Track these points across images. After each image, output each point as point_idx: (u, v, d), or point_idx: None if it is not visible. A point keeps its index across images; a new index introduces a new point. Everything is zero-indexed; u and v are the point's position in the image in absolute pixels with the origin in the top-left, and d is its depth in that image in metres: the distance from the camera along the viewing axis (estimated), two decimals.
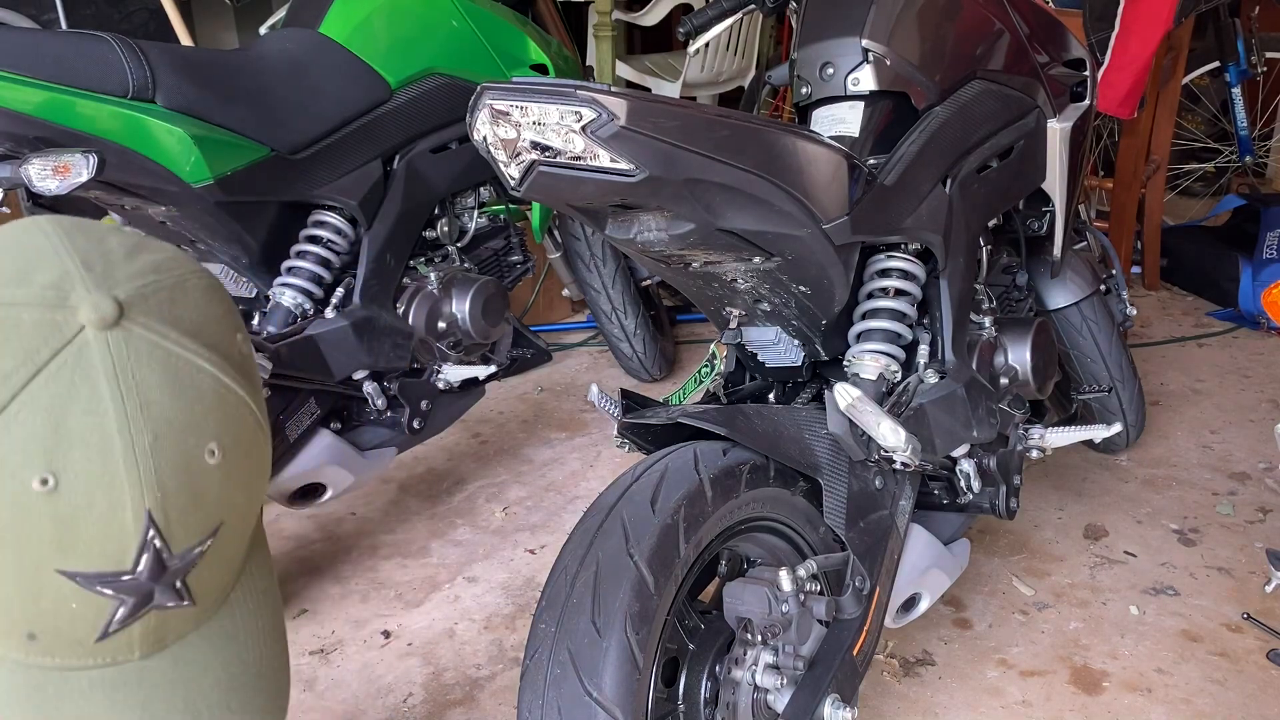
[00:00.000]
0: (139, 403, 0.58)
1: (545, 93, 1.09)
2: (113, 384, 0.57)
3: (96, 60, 1.60)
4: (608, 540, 1.19)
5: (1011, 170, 1.68)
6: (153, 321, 0.60)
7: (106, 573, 0.59)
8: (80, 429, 0.57)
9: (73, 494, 0.57)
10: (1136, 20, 2.78)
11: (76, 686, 0.63)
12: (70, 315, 0.57)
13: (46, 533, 0.57)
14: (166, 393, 0.59)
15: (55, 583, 0.58)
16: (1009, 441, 1.70)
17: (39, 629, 0.60)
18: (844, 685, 1.36)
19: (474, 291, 2.07)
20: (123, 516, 0.58)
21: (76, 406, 0.57)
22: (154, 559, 0.60)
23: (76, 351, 0.57)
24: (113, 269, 0.60)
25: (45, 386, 0.56)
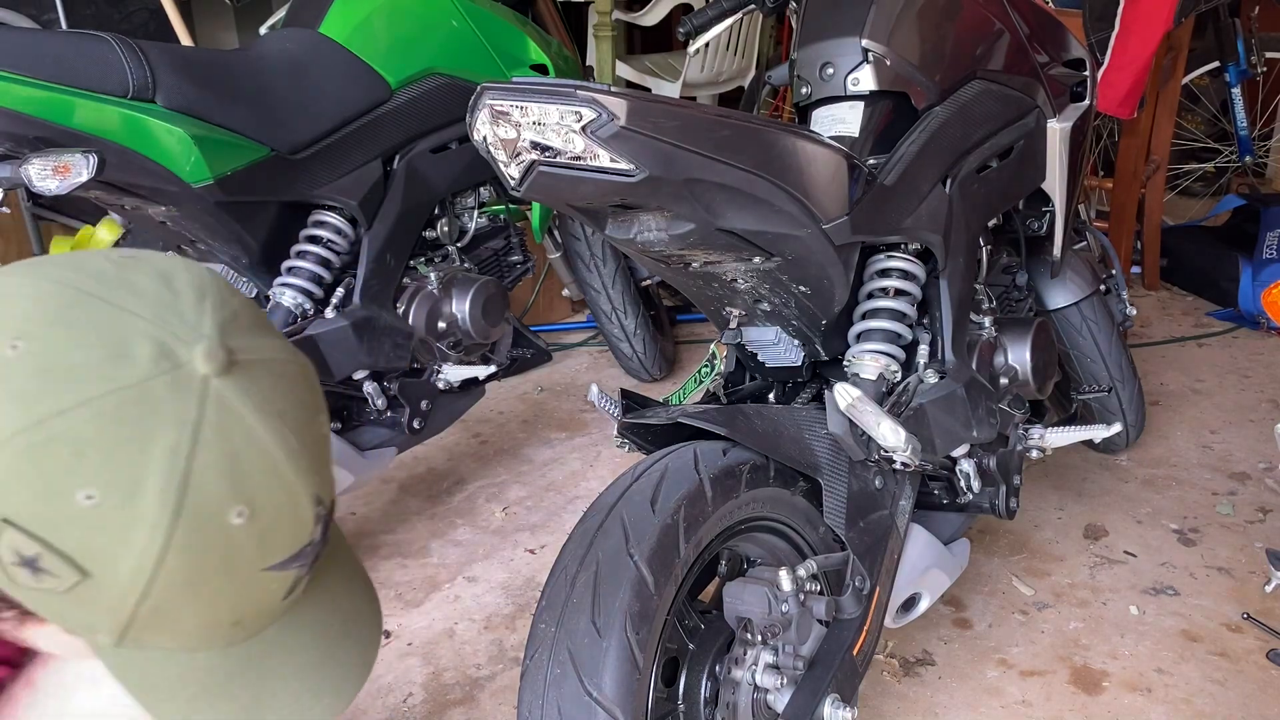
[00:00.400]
0: (276, 416, 0.65)
1: (545, 93, 1.09)
2: (253, 412, 0.64)
3: (96, 60, 1.60)
4: (608, 540, 1.19)
5: (1011, 170, 1.68)
6: (243, 341, 0.65)
7: (296, 552, 0.68)
8: (249, 458, 0.63)
9: (264, 513, 0.64)
10: (1136, 20, 2.78)
11: (271, 638, 0.72)
12: (190, 372, 0.62)
13: (251, 549, 0.65)
14: (284, 395, 0.66)
15: (261, 579, 0.67)
16: (1009, 441, 1.70)
17: (243, 616, 0.68)
18: (844, 685, 1.36)
19: (474, 291, 2.07)
20: (301, 508, 0.67)
21: (239, 444, 0.63)
22: (323, 524, 0.70)
23: (215, 401, 0.62)
24: (184, 314, 0.64)
25: (208, 441, 0.62)
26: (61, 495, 0.60)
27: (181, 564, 0.63)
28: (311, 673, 0.74)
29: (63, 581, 0.62)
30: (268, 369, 0.66)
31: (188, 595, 0.64)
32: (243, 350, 0.65)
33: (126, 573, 0.62)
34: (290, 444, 0.65)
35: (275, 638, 0.72)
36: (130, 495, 0.60)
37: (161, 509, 0.61)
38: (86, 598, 0.64)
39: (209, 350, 0.62)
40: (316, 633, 0.75)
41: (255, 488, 0.64)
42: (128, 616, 0.64)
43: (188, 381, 0.62)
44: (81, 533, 0.61)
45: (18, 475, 0.60)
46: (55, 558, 0.62)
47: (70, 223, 3.30)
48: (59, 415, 0.60)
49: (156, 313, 0.63)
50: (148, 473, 0.60)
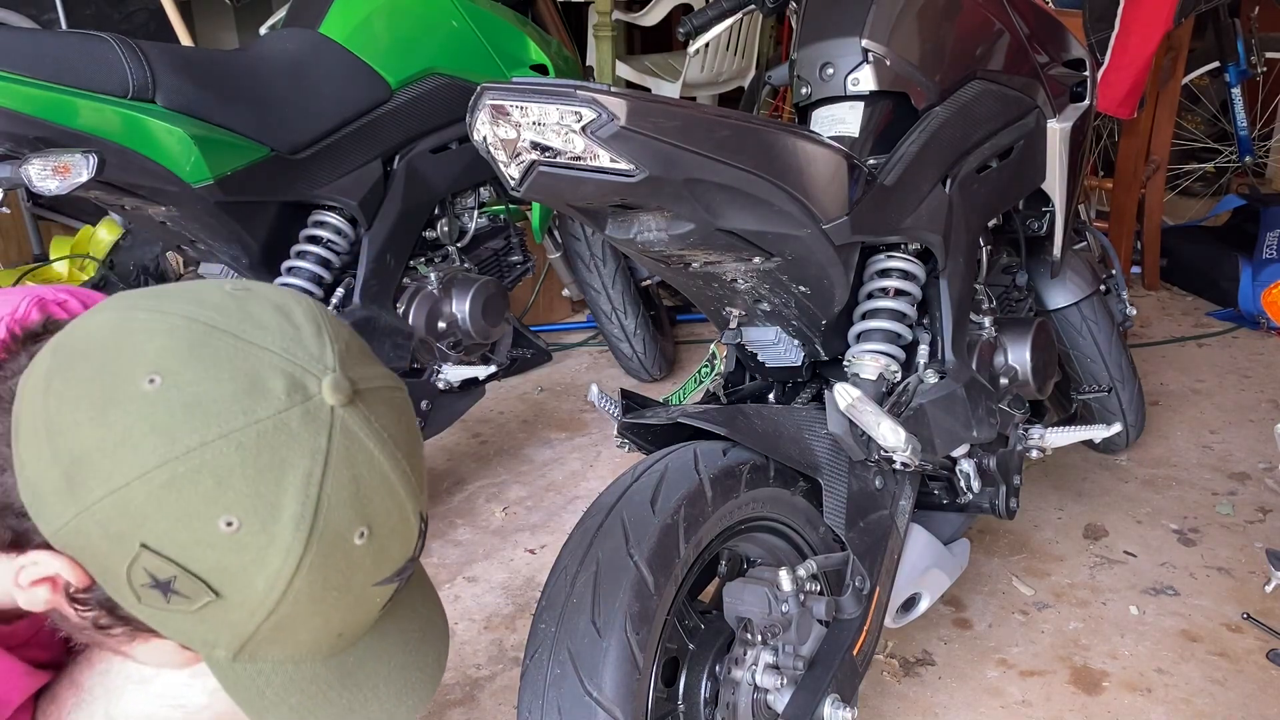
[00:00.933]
0: (392, 442, 0.69)
1: (545, 93, 1.09)
2: (372, 438, 0.68)
3: (96, 60, 1.60)
4: (608, 540, 1.19)
5: (1011, 170, 1.68)
6: (359, 371, 0.69)
7: (402, 566, 0.72)
8: (371, 482, 0.68)
9: (381, 532, 0.69)
10: (1136, 20, 2.78)
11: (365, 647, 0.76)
12: (320, 405, 0.66)
13: (368, 567, 0.69)
14: (396, 421, 0.70)
15: (371, 593, 0.71)
16: (1009, 441, 1.70)
17: (348, 627, 0.73)
18: (844, 685, 1.36)
19: (474, 291, 2.07)
20: (410, 527, 0.72)
21: (362, 469, 0.67)
22: (423, 539, 0.75)
23: (341, 431, 0.67)
24: (308, 347, 0.68)
25: (338, 467, 0.66)
26: (204, 521, 0.64)
27: (308, 583, 0.67)
28: (398, 676, 0.79)
29: (194, 603, 0.66)
30: (381, 397, 0.70)
31: (308, 611, 0.68)
32: (361, 380, 0.69)
33: (258, 593, 0.66)
34: (403, 466, 0.70)
35: (368, 645, 0.77)
36: (269, 520, 0.64)
37: (296, 532, 0.65)
38: (215, 616, 0.67)
39: (336, 383, 0.67)
40: (402, 639, 0.80)
41: (375, 510, 0.68)
42: (251, 633, 0.68)
43: (318, 412, 0.66)
44: (220, 556, 0.65)
45: (159, 504, 0.63)
46: (190, 580, 0.65)
47: (70, 223, 3.30)
48: (202, 447, 0.63)
49: (284, 346, 0.67)
50: (285, 498, 0.64)
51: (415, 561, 0.74)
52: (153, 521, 0.63)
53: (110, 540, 0.64)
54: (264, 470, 0.64)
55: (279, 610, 0.67)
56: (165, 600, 0.66)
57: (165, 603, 0.66)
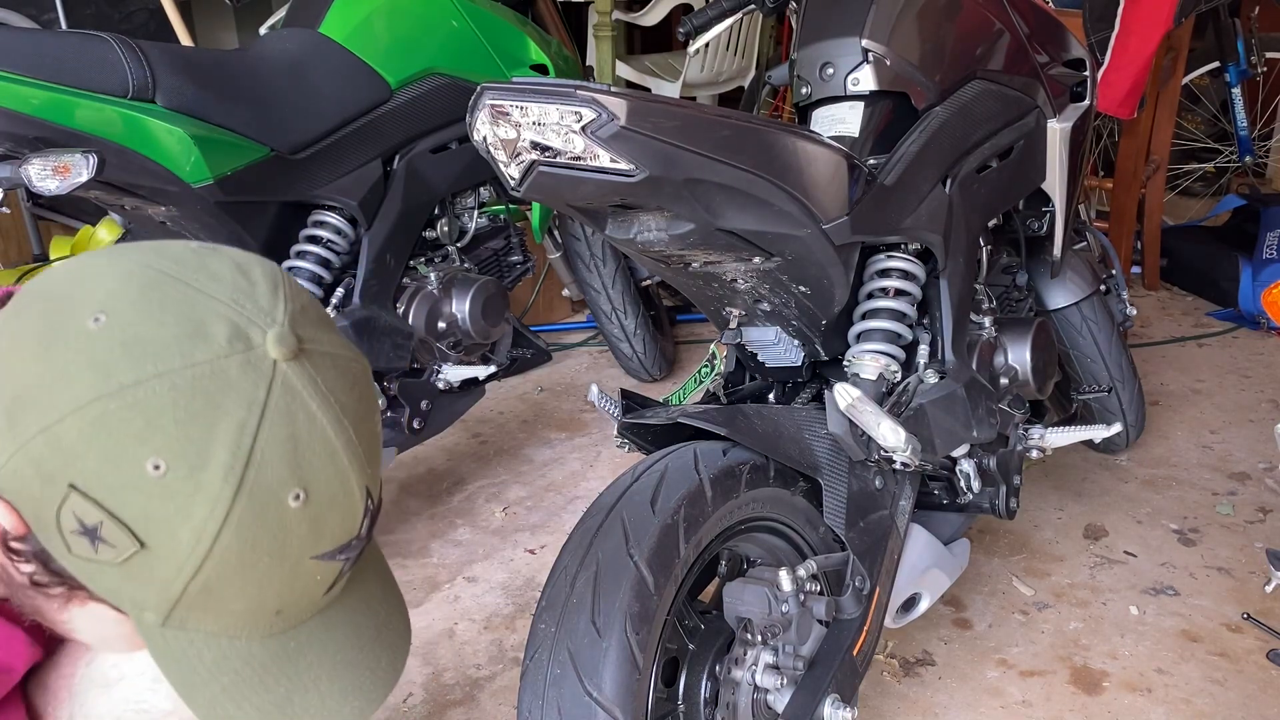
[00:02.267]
0: (338, 406, 0.67)
1: (545, 93, 1.09)
2: (317, 400, 0.66)
3: (96, 60, 1.60)
4: (608, 540, 1.19)
5: (1011, 170, 1.68)
6: (313, 333, 0.68)
7: (344, 543, 0.70)
8: (311, 445, 0.65)
9: (319, 497, 0.66)
10: (1136, 20, 2.78)
11: (308, 633, 0.73)
12: (262, 356, 0.64)
13: (304, 535, 0.67)
14: (346, 389, 0.68)
15: (309, 567, 0.68)
16: (1009, 441, 1.70)
17: (286, 604, 0.70)
18: (844, 685, 1.36)
19: (474, 291, 2.07)
20: (354, 499, 0.69)
21: (302, 428, 0.65)
22: (370, 520, 0.72)
23: (282, 385, 0.65)
24: (258, 300, 0.67)
25: (274, 420, 0.64)
26: (131, 463, 0.62)
27: (237, 541, 0.64)
28: (344, 672, 0.75)
29: (120, 553, 0.64)
30: (332, 362, 0.68)
31: (238, 575, 0.66)
32: (310, 341, 0.67)
33: (184, 546, 0.64)
34: (348, 435, 0.67)
35: (312, 633, 0.74)
36: (197, 467, 0.62)
37: (225, 483, 0.63)
38: (141, 571, 0.65)
39: (280, 335, 0.65)
40: (351, 633, 0.76)
41: (313, 472, 0.66)
42: (178, 593, 0.66)
43: (259, 363, 0.64)
44: (145, 502, 0.63)
45: (90, 441, 0.62)
46: (116, 527, 0.63)
47: (70, 223, 3.30)
48: (136, 385, 0.62)
49: (233, 297, 0.66)
50: (215, 446, 0.63)
51: (362, 542, 0.72)
52: (82, 461, 0.62)
53: (42, 480, 0.64)
54: (196, 415, 0.62)
55: (206, 568, 0.65)
56: (93, 549, 0.65)
57: (93, 552, 0.65)
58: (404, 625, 0.82)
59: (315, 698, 0.73)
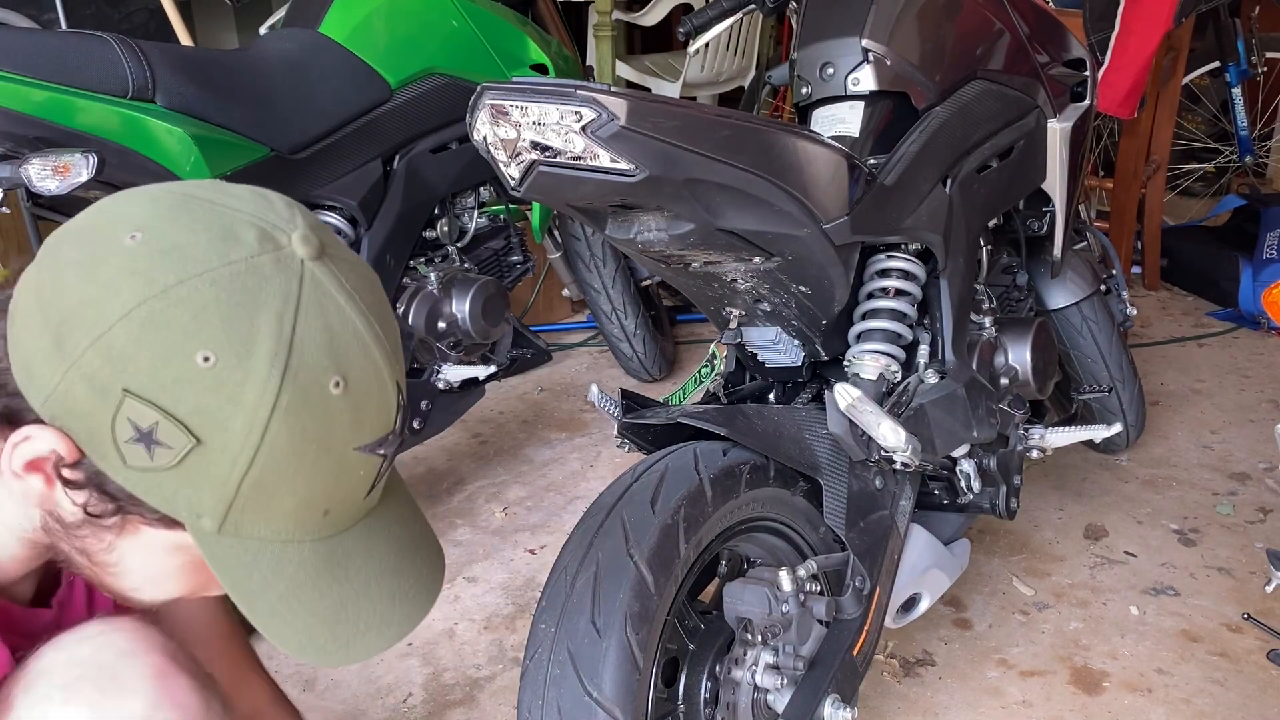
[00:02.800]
0: (363, 303, 0.71)
1: (545, 93, 1.09)
2: (344, 295, 0.70)
3: (96, 60, 1.60)
4: (608, 540, 1.19)
5: (1011, 170, 1.68)
6: (332, 243, 0.73)
7: (382, 436, 0.73)
8: (344, 334, 0.70)
9: (357, 385, 0.70)
10: (1136, 20, 2.78)
11: (355, 541, 0.77)
12: (290, 255, 0.69)
13: (347, 422, 0.70)
14: (367, 290, 0.73)
15: (353, 459, 0.72)
16: (1009, 441, 1.70)
17: (334, 503, 0.74)
18: (844, 685, 1.36)
19: (474, 291, 2.07)
20: (387, 390, 0.73)
21: (334, 319, 0.69)
22: (403, 416, 0.76)
23: (311, 280, 0.69)
24: (275, 210, 0.72)
25: (309, 312, 0.68)
26: (182, 357, 0.65)
27: (286, 428, 0.67)
28: (390, 579, 0.79)
29: (176, 453, 0.67)
30: (351, 265, 0.73)
31: (290, 467, 0.69)
32: (329, 246, 0.72)
33: (237, 436, 0.67)
34: (375, 329, 0.71)
35: (356, 540, 0.77)
36: (244, 355, 0.66)
37: (272, 368, 0.66)
38: (197, 470, 0.68)
39: (304, 236, 0.70)
40: (391, 543, 0.79)
41: (349, 361, 0.69)
42: (233, 491, 0.69)
43: (288, 261, 0.69)
44: (198, 395, 0.66)
45: (139, 343, 0.65)
46: (171, 425, 0.66)
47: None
48: (179, 284, 0.66)
49: (254, 210, 0.71)
50: (259, 335, 0.66)
51: (397, 438, 0.75)
52: (134, 364, 0.65)
53: (95, 394, 0.66)
54: (238, 306, 0.66)
55: (259, 460, 0.67)
56: (149, 455, 0.67)
57: (149, 458, 0.67)
58: (435, 542, 0.86)
59: (367, 603, 0.77)
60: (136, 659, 0.80)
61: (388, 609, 0.78)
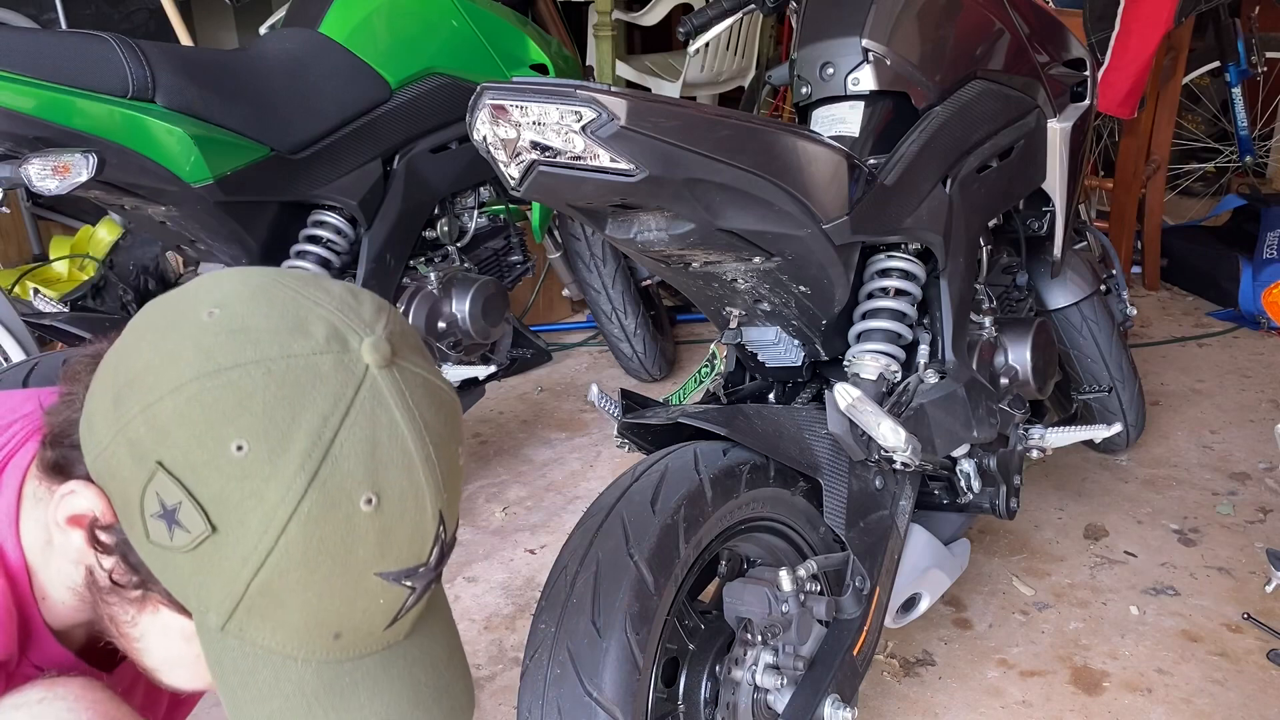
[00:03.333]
0: (422, 423, 0.68)
1: (545, 92, 1.09)
2: (402, 411, 0.68)
3: (96, 60, 1.60)
4: (608, 540, 1.19)
5: (1011, 170, 1.68)
6: (409, 354, 0.70)
7: (411, 567, 0.70)
8: (389, 452, 0.67)
9: (391, 507, 0.67)
10: (1136, 20, 2.78)
11: (365, 672, 0.72)
12: (356, 359, 0.67)
13: (371, 543, 0.67)
14: (433, 411, 0.70)
15: (372, 584, 0.68)
16: (1009, 441, 1.70)
17: (346, 628, 0.70)
18: (844, 685, 1.36)
19: (474, 291, 2.07)
20: (425, 519, 0.69)
21: (383, 434, 0.67)
22: (440, 550, 0.71)
23: (370, 389, 0.67)
24: (360, 313, 0.70)
25: (357, 420, 0.66)
26: (217, 441, 0.65)
27: (303, 535, 0.65)
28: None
29: (193, 538, 0.66)
30: (423, 384, 0.70)
31: (302, 577, 0.66)
32: (406, 359, 0.70)
33: (252, 532, 0.65)
34: (428, 452, 0.68)
35: (368, 673, 0.73)
36: (276, 451, 0.64)
37: (301, 470, 0.64)
38: (209, 558, 0.66)
39: (376, 343, 0.68)
40: (409, 687, 0.74)
41: (388, 480, 0.67)
42: (242, 590, 0.67)
43: (352, 365, 0.67)
44: (224, 482, 0.65)
45: (182, 419, 0.65)
46: (193, 507, 0.65)
47: (70, 223, 3.30)
48: (233, 368, 0.65)
49: (338, 307, 0.69)
50: (297, 434, 0.65)
51: (430, 573, 0.71)
52: (173, 438, 0.65)
53: (134, 461, 0.66)
54: (284, 400, 0.65)
55: (271, 561, 0.65)
56: (169, 534, 0.66)
57: (169, 537, 0.66)
58: (466, 697, 0.80)
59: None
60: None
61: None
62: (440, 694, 0.76)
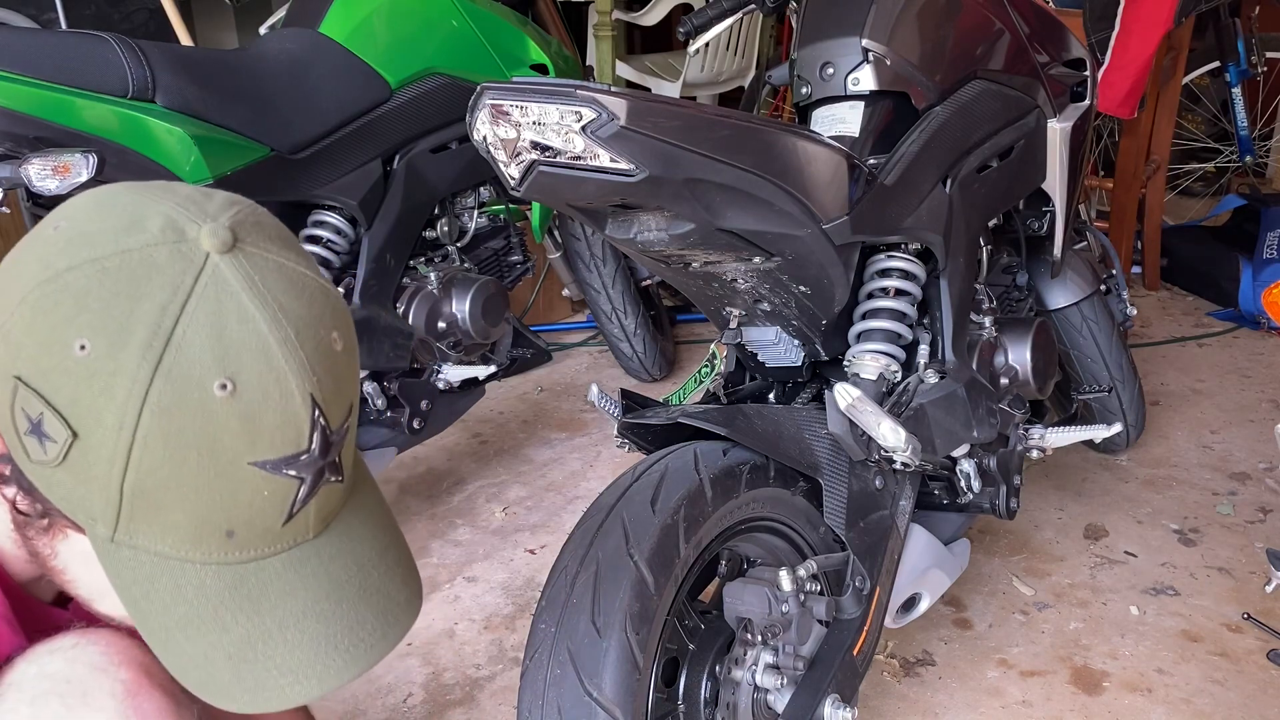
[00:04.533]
0: (276, 306, 0.67)
1: (545, 92, 1.09)
2: (250, 294, 0.66)
3: (96, 60, 1.60)
4: (608, 540, 1.19)
5: (1011, 170, 1.68)
6: (257, 240, 0.69)
7: (289, 455, 0.68)
8: (239, 336, 0.65)
9: (249, 391, 0.65)
10: (1136, 20, 2.78)
11: (273, 572, 0.71)
12: (194, 246, 0.66)
13: (236, 430, 0.65)
14: (290, 295, 0.68)
15: (249, 475, 0.67)
16: (1009, 441, 1.70)
17: (237, 524, 0.68)
18: (844, 685, 1.36)
19: (474, 291, 2.07)
20: (294, 403, 0.67)
21: (230, 318, 0.65)
22: (321, 437, 0.69)
23: (212, 275, 0.66)
24: (203, 206, 0.69)
25: (199, 307, 0.65)
26: (61, 345, 0.64)
27: (159, 429, 0.64)
28: (315, 624, 0.72)
29: (60, 447, 0.66)
30: (279, 270, 0.69)
31: (171, 474, 0.65)
32: (254, 245, 0.68)
33: (109, 431, 0.64)
34: (286, 334, 0.67)
35: (276, 573, 0.71)
36: (117, 345, 0.64)
37: (143, 360, 0.64)
38: (79, 466, 0.66)
39: (215, 230, 0.67)
40: (326, 584, 0.73)
41: (241, 365, 0.65)
42: (117, 494, 0.66)
43: (190, 253, 0.66)
44: (74, 385, 0.65)
45: (28, 329, 0.65)
46: (53, 416, 0.65)
47: None
48: (69, 270, 0.65)
49: (181, 203, 0.69)
50: (135, 325, 0.64)
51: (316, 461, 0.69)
52: (24, 350, 0.65)
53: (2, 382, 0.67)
54: (120, 295, 0.64)
55: (135, 459, 0.64)
56: (42, 449, 0.66)
57: (43, 452, 0.66)
58: (404, 598, 0.77)
59: (282, 646, 0.70)
60: (107, 674, 0.76)
61: (310, 655, 0.70)
62: (369, 593, 0.74)
